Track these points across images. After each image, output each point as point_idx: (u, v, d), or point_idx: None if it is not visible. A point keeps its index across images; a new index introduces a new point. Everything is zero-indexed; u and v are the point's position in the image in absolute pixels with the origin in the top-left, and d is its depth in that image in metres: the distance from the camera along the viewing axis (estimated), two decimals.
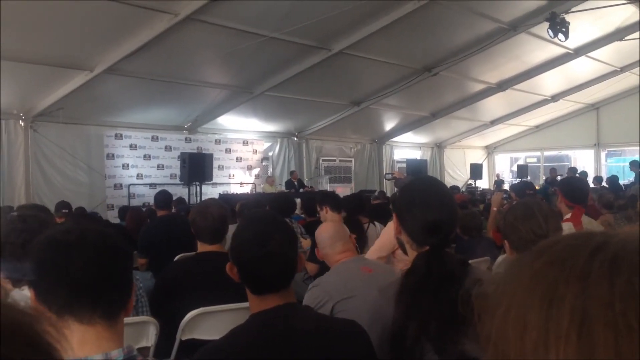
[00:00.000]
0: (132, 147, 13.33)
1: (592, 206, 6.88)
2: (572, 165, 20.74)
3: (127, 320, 2.73)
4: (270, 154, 16.99)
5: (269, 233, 1.85)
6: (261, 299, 1.85)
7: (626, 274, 0.57)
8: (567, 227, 3.70)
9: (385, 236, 4.23)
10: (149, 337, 2.94)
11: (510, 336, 0.61)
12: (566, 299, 0.58)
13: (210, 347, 1.85)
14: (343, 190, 16.27)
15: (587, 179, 16.14)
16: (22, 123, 11.46)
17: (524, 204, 2.73)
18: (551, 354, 0.56)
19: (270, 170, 16.82)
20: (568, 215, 4.07)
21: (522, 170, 20.26)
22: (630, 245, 0.60)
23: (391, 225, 2.23)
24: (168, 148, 13.92)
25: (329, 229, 3.55)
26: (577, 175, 16.22)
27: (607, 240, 0.61)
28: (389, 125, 19.03)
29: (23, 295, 2.12)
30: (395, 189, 12.05)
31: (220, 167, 14.84)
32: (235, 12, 9.01)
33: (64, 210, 7.62)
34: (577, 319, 0.56)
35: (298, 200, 8.37)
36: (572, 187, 4.44)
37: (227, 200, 10.55)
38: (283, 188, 15.40)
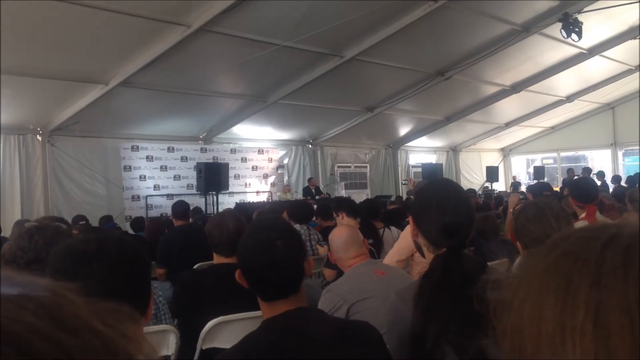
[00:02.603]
0: (149, 158, 13.42)
1: (611, 205, 6.81)
2: (589, 166, 20.57)
3: (147, 329, 2.75)
4: (285, 161, 17.02)
5: (272, 240, 1.85)
6: (271, 305, 1.86)
7: (639, 264, 0.57)
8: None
9: (403, 240, 4.22)
10: (169, 346, 2.95)
11: (526, 329, 0.61)
12: (580, 290, 0.58)
13: (223, 355, 1.87)
14: (358, 197, 16.24)
15: (605, 179, 16.10)
16: (39, 138, 11.60)
17: (535, 204, 2.70)
18: (567, 345, 0.56)
19: (285, 178, 16.83)
20: (583, 215, 4.08)
21: (539, 171, 20.11)
22: None
23: (409, 229, 2.22)
24: (184, 158, 13.99)
25: (343, 233, 3.52)
26: (594, 174, 16.14)
27: (619, 232, 0.62)
28: (403, 130, 19.00)
29: None
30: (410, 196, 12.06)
31: (237, 176, 14.89)
32: (247, 22, 9.05)
33: (80, 223, 7.69)
34: (592, 310, 0.56)
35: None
36: (579, 188, 4.48)
37: (243, 208, 10.55)
38: (299, 196, 15.41)
